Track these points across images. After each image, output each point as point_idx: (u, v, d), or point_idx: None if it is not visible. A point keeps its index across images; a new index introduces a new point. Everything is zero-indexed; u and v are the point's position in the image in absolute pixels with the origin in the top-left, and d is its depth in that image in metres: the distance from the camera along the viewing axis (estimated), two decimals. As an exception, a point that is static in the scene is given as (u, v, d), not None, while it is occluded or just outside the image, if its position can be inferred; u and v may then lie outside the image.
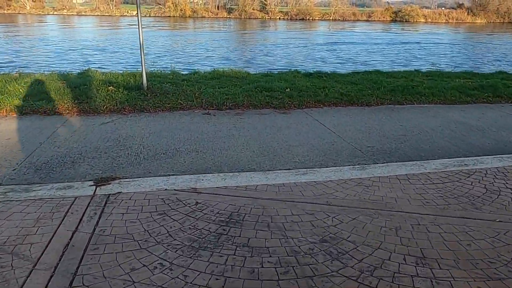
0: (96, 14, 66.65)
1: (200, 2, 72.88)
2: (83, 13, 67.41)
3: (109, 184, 3.85)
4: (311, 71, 11.51)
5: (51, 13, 67.12)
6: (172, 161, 4.70)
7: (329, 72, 11.84)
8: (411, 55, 23.91)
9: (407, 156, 5.16)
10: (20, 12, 66.35)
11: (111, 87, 7.89)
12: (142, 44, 7.73)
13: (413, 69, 13.10)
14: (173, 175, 4.21)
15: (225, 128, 6.12)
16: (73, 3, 69.45)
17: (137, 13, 7.53)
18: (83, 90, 7.62)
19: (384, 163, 4.84)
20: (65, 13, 66.63)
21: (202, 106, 7.18)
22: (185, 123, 6.30)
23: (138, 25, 7.58)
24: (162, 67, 15.35)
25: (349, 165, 4.71)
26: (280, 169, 4.51)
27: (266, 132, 6.00)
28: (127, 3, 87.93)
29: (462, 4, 72.07)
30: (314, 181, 4.07)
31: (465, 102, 8.35)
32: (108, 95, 7.40)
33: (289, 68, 16.39)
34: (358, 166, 4.66)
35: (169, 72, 10.65)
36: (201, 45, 26.24)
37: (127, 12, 68.31)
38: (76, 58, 18.88)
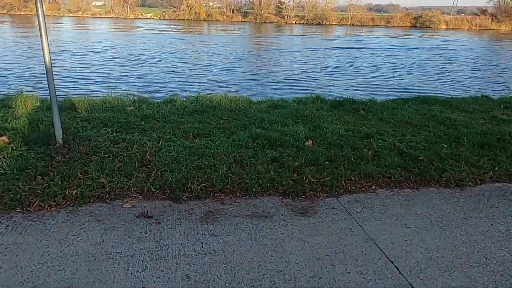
0: (110, 16, 63.92)
1: (215, 5, 69.45)
2: (98, 15, 64.77)
3: None
4: (339, 98, 7.80)
5: (66, 15, 64.68)
6: None
7: (364, 99, 8.12)
8: (457, 69, 19.87)
9: None
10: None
11: (2, 139, 4.38)
12: (50, 67, 4.17)
13: (479, 94, 9.28)
14: None
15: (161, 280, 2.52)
16: (88, 6, 66.80)
17: (38, 14, 4.01)
18: None
19: None
20: (80, 15, 64.10)
21: (145, 191, 3.58)
22: (79, 260, 2.72)
23: (40, 35, 4.04)
24: (145, 84, 12.01)
25: None
26: None
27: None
28: (144, 5, 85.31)
29: (486, 10, 66.87)
30: None
31: None
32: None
33: (305, 85, 12.73)
34: None
35: (135, 97, 7.10)
36: (206, 51, 22.68)
37: (142, 14, 65.44)
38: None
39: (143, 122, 5.41)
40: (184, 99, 7.42)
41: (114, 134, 4.85)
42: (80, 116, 5.54)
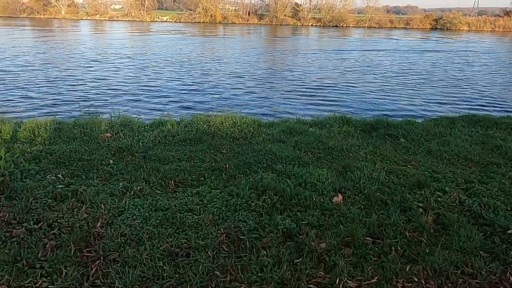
0: (127, 19, 63.30)
1: (231, 8, 68.13)
2: (115, 18, 64.26)
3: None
4: (370, 120, 6.21)
5: (85, 18, 64.41)
6: None
7: (400, 119, 6.52)
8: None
9: None
10: (56, 17, 64.02)
11: None
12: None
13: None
14: None
15: None
16: (106, 9, 66.31)
17: None
18: None
19: None
20: (98, 18, 63.70)
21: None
22: None
23: None
24: (148, 97, 10.53)
25: None
26: None
27: None
28: (161, 8, 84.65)
29: (510, 11, 63.52)
30: None
31: None
32: None
33: (323, 95, 11.10)
34: None
35: (117, 119, 5.68)
36: (216, 55, 21.20)
37: (158, 17, 64.63)
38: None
39: (111, 161, 3.96)
40: (178, 119, 5.96)
41: (64, 183, 3.42)
42: (32, 150, 4.14)
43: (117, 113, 6.09)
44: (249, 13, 65.19)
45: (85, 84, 12.19)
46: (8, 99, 10.03)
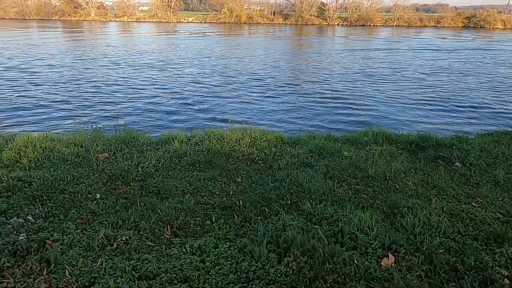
0: (154, 20, 63.65)
1: (256, 8, 67.31)
2: (142, 20, 64.74)
3: None
4: (413, 137, 5.19)
5: (113, 19, 65.23)
6: None
7: (449, 135, 5.47)
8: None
9: None
10: (85, 19, 65.15)
11: None
12: None
13: None
14: None
15: None
16: (133, 11, 66.85)
17: None
18: None
19: None
20: (125, 20, 64.37)
21: None
22: None
23: None
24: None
25: None
26: None
27: None
28: (187, 10, 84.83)
29: (549, 7, 59.64)
30: None
31: None
32: None
33: (352, 102, 10.01)
34: None
35: (119, 133, 4.93)
36: (237, 57, 20.30)
37: (184, 18, 64.64)
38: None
39: (98, 196, 3.17)
40: (190, 134, 5.15)
41: (33, 228, 2.66)
42: (9, 177, 3.41)
43: (123, 126, 5.35)
44: (274, 13, 64.14)
45: (104, 90, 11.64)
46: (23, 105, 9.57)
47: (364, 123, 8.06)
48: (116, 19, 64.85)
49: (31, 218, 2.80)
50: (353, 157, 4.23)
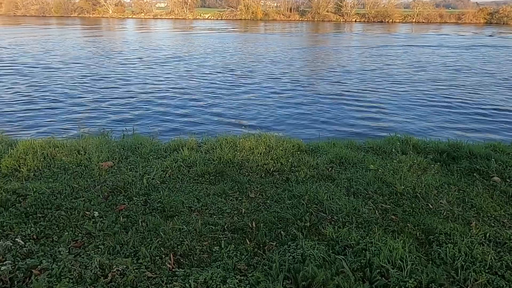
0: (170, 17, 63.71)
1: (272, 4, 66.61)
2: (159, 17, 64.91)
3: None
4: (444, 145, 4.73)
5: (130, 16, 65.61)
6: None
7: (482, 143, 4.99)
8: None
9: None
10: (103, 15, 65.70)
11: None
12: None
13: None
14: None
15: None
16: (150, 8, 67.04)
17: None
18: None
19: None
20: (143, 17, 64.64)
21: None
22: None
23: None
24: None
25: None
26: None
27: None
28: (204, 6, 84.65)
29: None
30: None
31: None
32: None
33: (371, 100, 9.49)
34: None
35: (127, 138, 4.63)
36: (252, 55, 19.83)
37: (200, 15, 64.51)
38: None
39: (96, 214, 2.86)
40: (201, 140, 4.82)
41: (21, 253, 2.36)
42: (4, 189, 3.14)
43: (131, 130, 5.06)
44: (290, 9, 63.37)
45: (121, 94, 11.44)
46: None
47: (385, 128, 7.61)
48: (134, 16, 65.22)
49: (21, 241, 2.51)
50: (378, 169, 3.81)
